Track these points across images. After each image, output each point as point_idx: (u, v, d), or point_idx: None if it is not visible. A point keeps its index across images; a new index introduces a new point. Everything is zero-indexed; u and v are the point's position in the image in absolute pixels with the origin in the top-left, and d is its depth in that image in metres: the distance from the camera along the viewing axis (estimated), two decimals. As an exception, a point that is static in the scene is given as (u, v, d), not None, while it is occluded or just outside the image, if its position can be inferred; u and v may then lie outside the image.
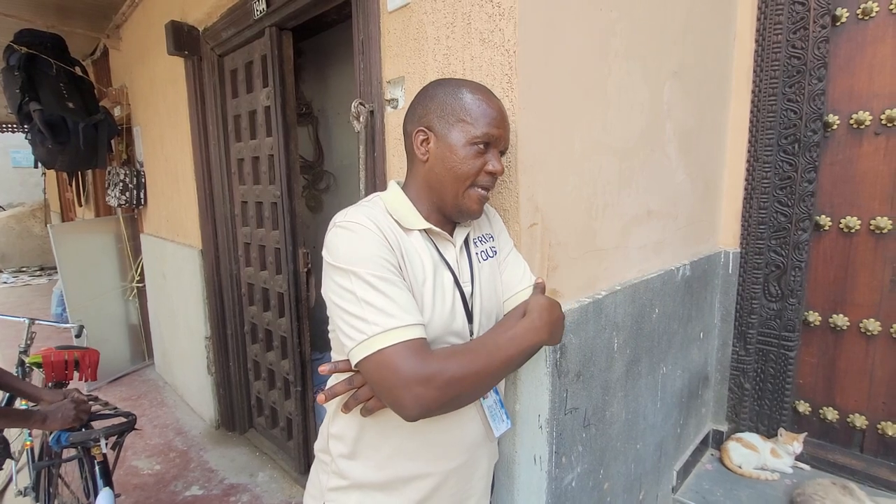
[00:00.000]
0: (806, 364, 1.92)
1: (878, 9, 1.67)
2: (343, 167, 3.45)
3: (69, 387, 1.93)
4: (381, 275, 0.75)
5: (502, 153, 0.90)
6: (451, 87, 0.87)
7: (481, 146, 0.84)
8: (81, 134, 3.03)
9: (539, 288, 0.97)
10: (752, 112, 1.88)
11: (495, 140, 0.86)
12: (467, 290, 0.90)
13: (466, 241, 0.94)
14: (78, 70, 3.27)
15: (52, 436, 1.57)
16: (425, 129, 0.86)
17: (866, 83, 1.72)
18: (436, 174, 0.86)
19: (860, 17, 1.70)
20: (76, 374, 2.02)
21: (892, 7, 1.64)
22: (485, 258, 0.96)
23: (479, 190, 0.87)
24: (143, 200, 3.49)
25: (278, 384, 2.45)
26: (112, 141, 3.52)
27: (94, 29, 3.59)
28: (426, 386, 0.70)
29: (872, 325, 1.77)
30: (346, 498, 0.90)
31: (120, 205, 3.46)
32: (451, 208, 0.88)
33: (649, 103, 1.46)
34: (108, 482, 1.57)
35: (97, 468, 1.59)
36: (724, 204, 1.99)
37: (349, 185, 3.38)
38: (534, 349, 0.85)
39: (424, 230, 0.87)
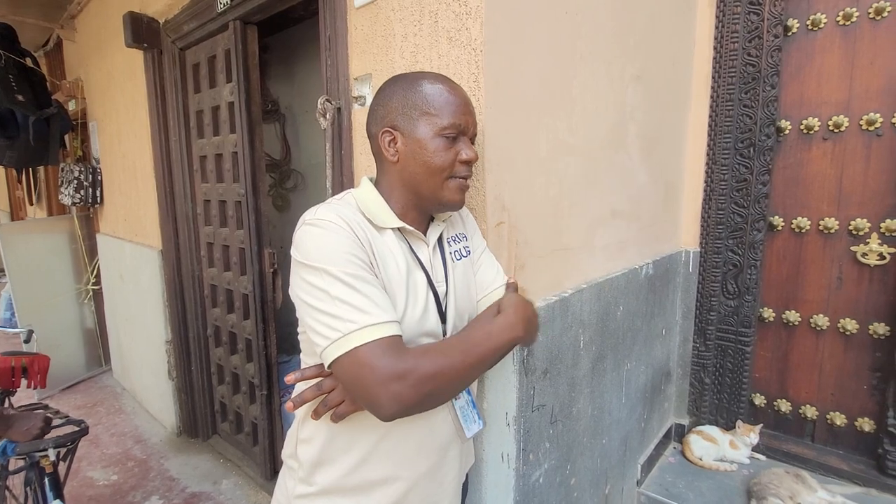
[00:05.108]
0: (761, 358, 2.01)
1: (825, 20, 1.76)
2: (311, 166, 3.39)
3: (16, 394, 1.83)
4: (353, 272, 0.73)
5: (472, 140, 0.88)
6: (409, 80, 0.85)
7: (450, 136, 0.82)
8: (31, 128, 2.88)
9: (512, 287, 0.96)
10: (710, 116, 1.95)
11: (464, 128, 0.84)
12: (441, 290, 0.88)
13: (440, 241, 0.93)
14: (29, 61, 3.10)
15: (-3, 447, 1.48)
16: (390, 129, 0.84)
17: (815, 91, 1.81)
18: (410, 172, 0.84)
19: (809, 27, 1.79)
20: (24, 382, 1.91)
21: (838, 19, 1.74)
22: (458, 258, 0.95)
23: (458, 180, 0.85)
24: (99, 199, 3.33)
25: (243, 388, 2.38)
26: (66, 136, 3.35)
27: (48, 19, 3.41)
28: (402, 383, 0.68)
29: (822, 321, 1.86)
30: None
31: (74, 203, 3.29)
32: (431, 202, 0.86)
33: (613, 106, 1.49)
34: (59, 495, 1.50)
35: (46, 480, 1.51)
36: (684, 205, 2.05)
37: (317, 183, 3.33)
38: (509, 346, 0.83)
39: (398, 229, 0.85)
